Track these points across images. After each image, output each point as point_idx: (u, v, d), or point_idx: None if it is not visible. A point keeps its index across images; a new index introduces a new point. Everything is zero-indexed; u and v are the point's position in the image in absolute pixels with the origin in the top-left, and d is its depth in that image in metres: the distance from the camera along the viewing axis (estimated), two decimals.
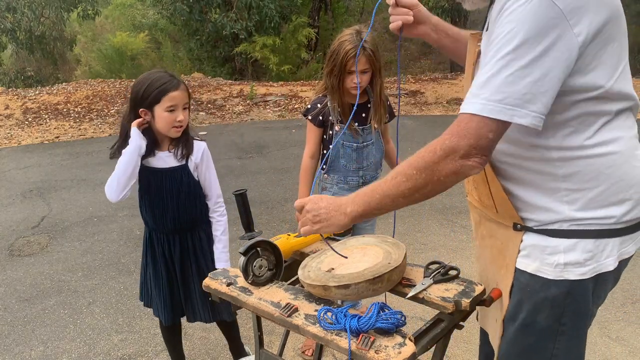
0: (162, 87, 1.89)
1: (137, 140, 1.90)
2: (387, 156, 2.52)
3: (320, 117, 2.28)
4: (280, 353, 2.13)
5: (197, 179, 2.06)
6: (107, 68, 15.56)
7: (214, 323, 2.28)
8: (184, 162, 2.02)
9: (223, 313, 2.19)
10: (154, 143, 1.99)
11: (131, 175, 1.92)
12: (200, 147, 2.06)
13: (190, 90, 2.03)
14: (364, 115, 2.30)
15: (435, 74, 13.29)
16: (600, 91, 1.09)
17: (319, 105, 2.29)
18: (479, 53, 1.25)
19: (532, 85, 1.02)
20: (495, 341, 1.41)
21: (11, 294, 3.21)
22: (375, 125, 2.30)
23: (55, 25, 14.59)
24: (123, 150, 1.92)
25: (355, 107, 1.94)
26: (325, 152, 2.37)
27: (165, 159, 2.00)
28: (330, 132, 2.31)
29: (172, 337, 2.30)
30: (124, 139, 1.97)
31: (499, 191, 1.25)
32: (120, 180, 1.89)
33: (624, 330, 2.67)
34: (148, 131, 1.97)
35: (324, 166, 2.38)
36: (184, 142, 2.03)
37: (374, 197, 1.17)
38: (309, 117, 2.31)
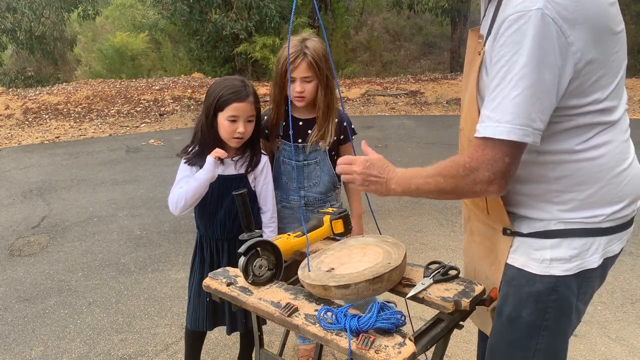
0: (228, 97, 1.87)
1: (211, 172, 1.88)
2: (345, 185, 2.26)
3: (267, 131, 2.15)
4: (280, 353, 2.13)
5: (253, 189, 2.04)
6: (108, 68, 15.59)
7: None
8: (243, 172, 2.00)
9: (249, 322, 2.11)
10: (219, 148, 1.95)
11: (198, 198, 1.91)
12: (262, 160, 2.04)
13: (259, 104, 1.97)
14: (309, 132, 2.12)
15: (435, 74, 13.30)
16: (598, 106, 1.13)
17: (266, 117, 2.15)
18: (480, 52, 1.26)
19: (534, 105, 1.07)
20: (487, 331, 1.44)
21: (11, 294, 3.20)
22: (321, 144, 2.11)
23: (55, 26, 14.60)
24: (195, 175, 1.89)
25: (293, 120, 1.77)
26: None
27: (226, 166, 1.98)
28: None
29: (198, 345, 2.24)
30: (199, 145, 1.95)
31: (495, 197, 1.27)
32: (187, 201, 1.89)
33: (624, 330, 2.67)
34: (215, 136, 1.95)
35: None
36: (250, 155, 2.00)
37: (411, 187, 1.27)
38: None
